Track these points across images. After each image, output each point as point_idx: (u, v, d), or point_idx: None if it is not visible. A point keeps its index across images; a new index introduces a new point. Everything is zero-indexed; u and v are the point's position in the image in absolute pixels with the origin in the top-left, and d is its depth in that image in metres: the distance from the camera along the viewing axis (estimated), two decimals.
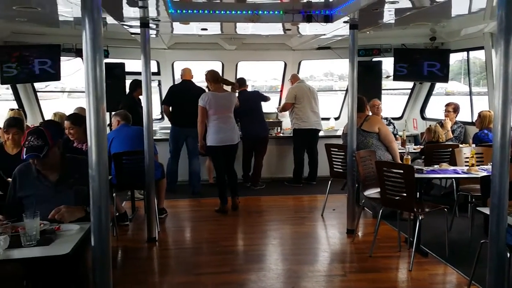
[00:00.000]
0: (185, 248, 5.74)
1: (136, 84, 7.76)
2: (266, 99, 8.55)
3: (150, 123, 5.66)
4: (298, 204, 7.78)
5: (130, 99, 7.87)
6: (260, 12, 5.67)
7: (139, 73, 5.77)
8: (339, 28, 6.50)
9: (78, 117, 5.46)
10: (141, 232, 6.02)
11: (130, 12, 5.37)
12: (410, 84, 9.80)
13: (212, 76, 6.85)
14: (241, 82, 8.51)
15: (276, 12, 5.67)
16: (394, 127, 8.49)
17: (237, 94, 7.93)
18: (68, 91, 11.72)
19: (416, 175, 4.99)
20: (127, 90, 8.11)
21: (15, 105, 8.13)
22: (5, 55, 7.41)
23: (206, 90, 7.11)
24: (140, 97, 7.78)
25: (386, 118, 8.25)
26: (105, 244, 2.83)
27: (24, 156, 3.44)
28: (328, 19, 5.80)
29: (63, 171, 3.59)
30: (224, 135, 6.74)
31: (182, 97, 7.69)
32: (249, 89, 9.09)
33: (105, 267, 2.83)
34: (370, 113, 6.93)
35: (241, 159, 8.55)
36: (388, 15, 5.89)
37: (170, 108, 7.85)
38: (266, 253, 5.49)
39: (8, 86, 8.27)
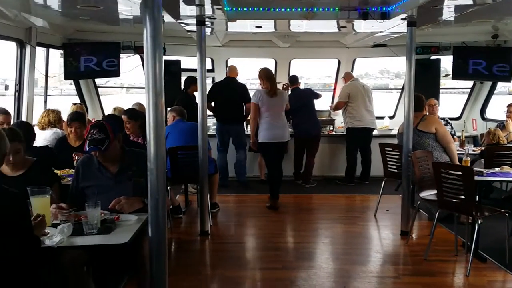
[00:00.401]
0: (237, 243, 5.81)
1: (191, 81, 7.92)
2: (318, 96, 8.56)
3: (205, 119, 5.76)
4: (350, 203, 7.69)
5: (185, 95, 8.03)
6: (315, 9, 5.65)
7: (194, 70, 5.89)
8: (396, 25, 6.36)
9: (134, 112, 5.64)
10: (194, 225, 6.15)
11: (187, 10, 5.49)
12: (469, 83, 9.46)
13: (265, 74, 6.92)
14: (294, 79, 8.50)
15: (331, 10, 5.62)
16: (452, 128, 8.20)
17: (289, 92, 7.94)
18: (127, 87, 12.11)
19: (476, 178, 4.81)
20: (182, 87, 8.27)
21: (77, 100, 8.49)
22: (68, 52, 7.75)
23: (260, 87, 7.16)
24: (195, 93, 7.94)
25: (443, 119, 7.98)
26: (162, 235, 2.91)
27: (87, 148, 3.61)
28: (385, 16, 5.69)
29: (123, 164, 3.73)
30: (275, 132, 6.81)
31: (224, 94, 7.82)
32: (302, 86, 9.05)
33: (161, 257, 2.90)
34: (427, 113, 6.75)
35: (293, 156, 8.55)
36: (448, 12, 5.71)
37: (213, 104, 7.97)
38: (317, 251, 5.48)
39: (71, 81, 8.65)
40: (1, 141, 2.77)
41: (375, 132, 8.68)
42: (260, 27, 6.97)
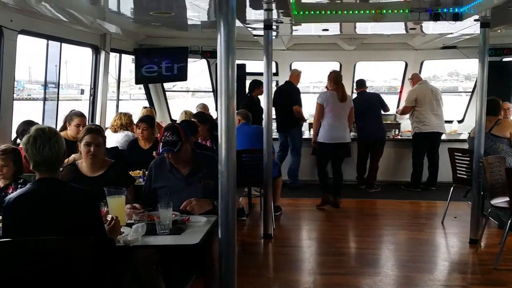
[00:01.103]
0: (300, 247, 5.80)
1: (255, 84, 8.01)
2: (386, 108, 8.40)
3: (270, 123, 5.80)
4: (415, 209, 7.47)
5: (250, 98, 8.12)
6: (384, 11, 5.55)
7: (258, 74, 5.94)
8: (468, 27, 6.13)
9: (203, 116, 5.78)
10: (257, 228, 6.19)
11: (254, 14, 5.55)
12: None
13: (335, 77, 7.06)
14: (361, 83, 8.42)
15: (401, 11, 5.50)
16: None
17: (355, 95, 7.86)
18: (192, 91, 12.40)
19: None
20: (247, 90, 8.37)
21: (146, 104, 8.81)
22: (139, 57, 8.05)
23: (325, 89, 7.15)
24: (259, 96, 8.02)
25: None
26: (231, 236, 2.96)
27: (160, 150, 3.74)
28: (457, 17, 5.49)
29: (193, 166, 3.82)
30: (336, 133, 6.92)
31: (280, 98, 7.83)
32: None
33: (231, 258, 2.95)
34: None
35: (356, 160, 8.43)
36: None
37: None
38: (381, 258, 5.37)
39: (140, 86, 8.97)
40: (60, 141, 2.81)
41: (443, 137, 8.38)
42: (327, 30, 6.93)
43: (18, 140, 4.91)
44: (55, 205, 2.72)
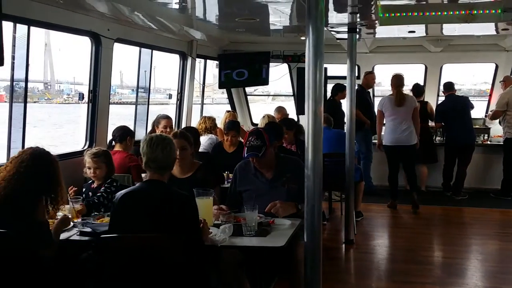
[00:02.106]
0: (383, 254, 5.68)
1: (339, 89, 7.94)
2: (471, 107, 8.06)
3: (353, 127, 5.74)
4: (506, 218, 7.08)
5: (332, 102, 8.05)
6: (475, 11, 5.30)
7: (339, 77, 5.87)
8: None
9: (289, 122, 5.82)
10: (338, 233, 6.14)
11: (338, 17, 5.52)
12: None
13: (392, 82, 7.22)
14: (449, 86, 8.08)
15: (493, 11, 5.23)
16: None
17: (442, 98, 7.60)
18: (273, 95, 12.54)
19: None
20: (329, 94, 8.31)
21: (228, 108, 9.03)
22: (223, 62, 8.27)
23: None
24: (342, 100, 7.94)
25: None
26: (317, 240, 2.97)
27: (245, 155, 3.80)
28: None
29: (277, 170, 3.86)
30: (398, 136, 7.05)
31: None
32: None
33: (316, 262, 2.97)
34: None
35: (442, 166, 8.11)
36: None
37: None
38: (470, 268, 5.15)
39: (223, 90, 9.20)
40: (172, 146, 3.10)
41: None
42: (414, 31, 6.73)
43: (113, 143, 5.23)
44: (158, 205, 2.92)
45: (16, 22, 4.28)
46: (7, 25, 4.03)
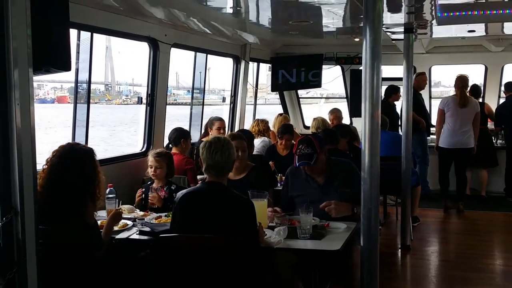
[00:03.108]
0: (441, 260, 5.51)
1: (392, 90, 7.77)
2: None
3: (409, 129, 5.60)
4: None
5: (385, 104, 7.89)
6: None
7: (393, 79, 5.74)
8: None
9: (344, 129, 5.74)
10: (393, 238, 5.99)
11: (394, 18, 5.40)
12: None
13: (456, 82, 7.09)
14: (510, 86, 7.76)
15: None
16: None
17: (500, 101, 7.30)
18: (326, 97, 12.45)
19: None
20: (383, 96, 8.16)
21: (280, 110, 9.04)
22: (275, 65, 8.29)
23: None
24: (396, 102, 7.77)
25: None
26: (374, 244, 2.92)
27: (297, 164, 3.75)
28: None
29: (329, 174, 3.80)
30: (456, 138, 6.95)
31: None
32: None
33: (373, 266, 2.92)
34: None
35: (503, 170, 7.76)
36: None
37: None
38: None
39: (276, 92, 9.22)
40: (231, 150, 3.13)
41: None
42: (474, 31, 6.49)
43: (170, 145, 5.35)
44: (218, 207, 2.98)
45: (81, 29, 4.46)
46: (72, 32, 4.24)
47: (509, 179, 7.73)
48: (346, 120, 8.26)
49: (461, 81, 7.03)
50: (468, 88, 7.22)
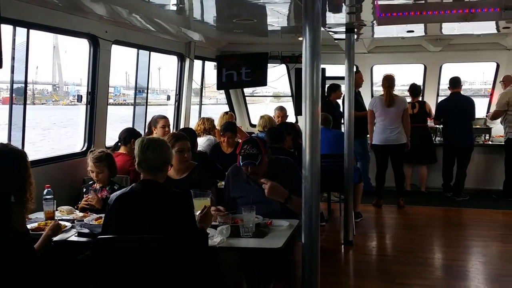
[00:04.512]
0: (382, 255, 5.65)
1: (332, 88, 7.94)
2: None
3: (351, 127, 5.71)
4: (509, 220, 7.01)
5: (328, 103, 8.04)
6: (475, 10, 5.27)
7: (337, 78, 5.86)
8: None
9: (288, 127, 5.77)
10: (337, 234, 6.09)
11: (335, 18, 5.50)
12: None
13: (382, 82, 7.35)
14: (454, 82, 7.89)
15: (494, 9, 5.19)
16: None
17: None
18: (272, 96, 12.52)
19: None
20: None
21: (227, 108, 9.01)
22: (221, 63, 8.25)
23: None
24: (339, 101, 7.92)
25: None
26: (315, 241, 2.96)
27: (241, 164, 3.72)
28: None
29: (269, 174, 3.76)
30: (386, 136, 7.21)
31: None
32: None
33: (314, 263, 2.95)
34: None
35: (441, 166, 8.08)
36: None
37: None
38: (472, 271, 5.09)
39: (222, 91, 9.18)
40: (168, 150, 3.09)
41: None
42: (412, 31, 6.71)
43: (120, 144, 5.22)
44: (152, 205, 2.92)
45: (16, 25, 4.27)
46: (7, 29, 4.07)
47: (446, 175, 8.04)
48: (292, 118, 8.37)
49: (387, 81, 7.26)
50: (395, 87, 7.45)
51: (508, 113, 7.74)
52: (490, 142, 8.38)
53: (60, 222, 3.50)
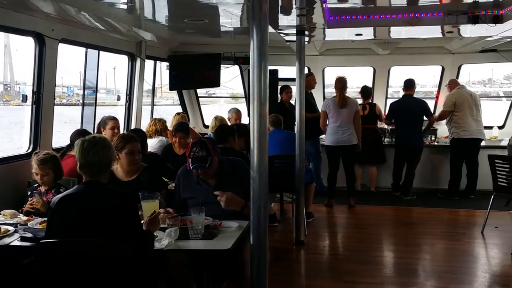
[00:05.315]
0: (333, 254, 5.74)
1: (281, 89, 8.06)
2: (429, 114, 8.10)
3: (303, 128, 5.77)
4: (453, 218, 7.26)
5: (279, 104, 8.10)
6: (420, 14, 5.45)
7: (291, 79, 5.92)
8: (510, 29, 5.94)
9: (241, 128, 5.76)
10: (289, 234, 6.13)
11: (287, 20, 5.54)
12: None
13: (335, 84, 7.45)
14: (407, 84, 8.10)
15: (438, 14, 5.39)
16: None
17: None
18: (225, 97, 12.50)
19: None
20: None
21: (178, 109, 8.92)
22: (174, 64, 8.17)
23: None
24: (292, 101, 7.99)
25: None
26: (263, 242, 2.96)
27: (191, 167, 3.68)
28: (497, 19, 5.34)
29: (220, 175, 3.78)
30: (338, 136, 7.32)
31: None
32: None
33: (262, 263, 2.96)
34: None
35: (391, 167, 8.30)
36: None
37: None
38: (418, 268, 5.24)
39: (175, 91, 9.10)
40: (111, 149, 3.02)
41: (482, 143, 8.13)
42: (361, 34, 6.87)
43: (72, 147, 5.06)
44: (95, 206, 2.85)
45: None
46: None
47: (396, 174, 8.26)
48: (245, 122, 8.38)
49: (340, 82, 7.39)
50: (347, 89, 7.54)
51: (454, 114, 8.03)
52: (436, 143, 8.68)
53: (1, 226, 3.38)
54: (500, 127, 9.03)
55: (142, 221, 3.18)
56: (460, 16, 5.34)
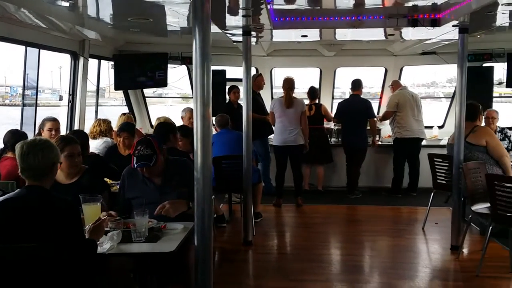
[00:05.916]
0: (280, 253, 5.78)
1: (229, 90, 8.05)
2: (371, 115, 8.24)
3: (249, 128, 5.78)
4: (396, 215, 7.49)
5: (227, 104, 8.10)
6: (363, 17, 5.58)
7: (239, 80, 5.93)
8: (447, 32, 6.19)
9: (186, 130, 5.70)
10: (237, 234, 6.13)
11: (233, 20, 5.54)
12: None
13: (283, 84, 7.53)
14: (355, 85, 8.29)
15: (380, 17, 5.54)
16: (510, 141, 7.62)
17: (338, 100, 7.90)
18: (172, 97, 12.36)
19: None
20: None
21: (126, 110, 8.73)
22: (119, 63, 7.98)
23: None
24: (240, 102, 7.99)
25: (502, 130, 7.35)
26: (207, 244, 2.92)
27: (135, 165, 3.64)
28: (435, 23, 5.55)
29: (166, 174, 3.76)
30: (284, 136, 7.39)
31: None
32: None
33: (207, 266, 2.92)
34: (483, 124, 6.45)
35: (338, 166, 8.46)
36: (502, 18, 5.52)
37: None
38: (362, 265, 5.38)
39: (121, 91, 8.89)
40: (53, 151, 2.93)
41: (423, 142, 8.44)
42: (306, 36, 6.96)
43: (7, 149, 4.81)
44: (38, 212, 2.75)
45: None
46: None
47: (349, 176, 8.33)
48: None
49: (287, 83, 7.47)
50: (295, 90, 7.62)
51: (397, 114, 8.27)
52: (380, 142, 8.91)
53: None
54: (440, 127, 9.40)
55: (85, 227, 3.09)
56: (400, 19, 5.52)
